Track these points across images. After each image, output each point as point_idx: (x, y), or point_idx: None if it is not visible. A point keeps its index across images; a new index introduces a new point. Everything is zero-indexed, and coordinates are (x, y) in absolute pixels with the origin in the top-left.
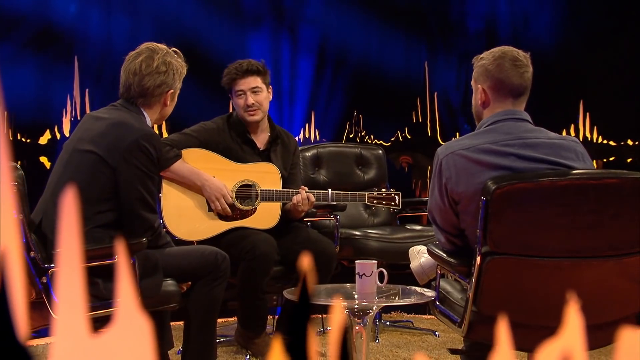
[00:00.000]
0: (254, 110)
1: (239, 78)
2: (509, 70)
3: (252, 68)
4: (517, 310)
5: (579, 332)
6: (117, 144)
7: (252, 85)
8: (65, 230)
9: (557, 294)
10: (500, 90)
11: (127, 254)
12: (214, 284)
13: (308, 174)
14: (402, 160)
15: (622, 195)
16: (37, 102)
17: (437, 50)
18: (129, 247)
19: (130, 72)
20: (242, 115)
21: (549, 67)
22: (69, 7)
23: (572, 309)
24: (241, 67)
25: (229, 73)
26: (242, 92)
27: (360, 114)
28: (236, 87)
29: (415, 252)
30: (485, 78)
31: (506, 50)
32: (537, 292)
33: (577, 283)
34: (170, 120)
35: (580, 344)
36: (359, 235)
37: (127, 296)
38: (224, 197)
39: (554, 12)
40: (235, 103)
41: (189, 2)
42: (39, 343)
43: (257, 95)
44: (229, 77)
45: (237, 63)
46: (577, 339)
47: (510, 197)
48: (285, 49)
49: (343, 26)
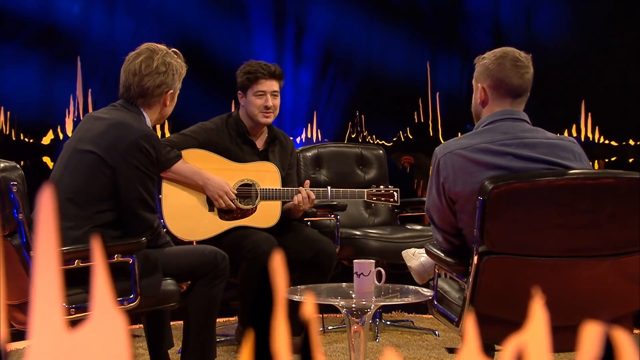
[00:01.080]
0: (269, 112)
1: (264, 78)
2: (509, 71)
3: (277, 72)
4: (514, 310)
5: (543, 327)
6: (117, 144)
7: (274, 88)
8: (42, 227)
9: (554, 294)
10: (499, 89)
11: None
12: (214, 283)
13: (309, 174)
14: (404, 160)
15: (618, 195)
16: (40, 102)
17: (439, 50)
18: (128, 246)
19: (130, 72)
20: (254, 115)
21: (551, 67)
22: (72, 8)
23: (538, 305)
24: (268, 69)
25: (254, 71)
26: (263, 93)
27: (362, 114)
28: (258, 86)
29: (410, 253)
30: (486, 77)
31: (508, 50)
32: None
33: (574, 282)
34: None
35: (544, 339)
36: (359, 235)
37: (103, 293)
38: (227, 193)
39: (557, 12)
40: (249, 102)
41: (193, 3)
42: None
43: (275, 99)
44: (253, 75)
45: (260, 63)
46: (542, 335)
47: (507, 196)
48: (288, 49)
49: (346, 26)
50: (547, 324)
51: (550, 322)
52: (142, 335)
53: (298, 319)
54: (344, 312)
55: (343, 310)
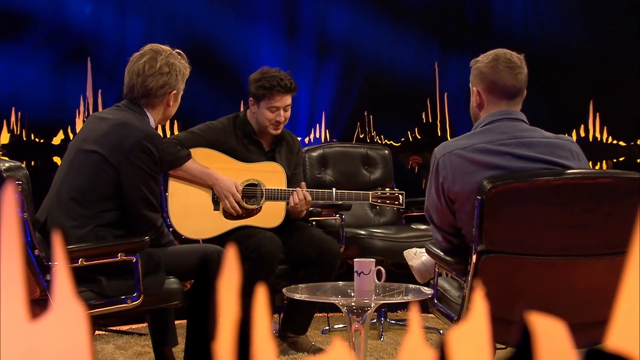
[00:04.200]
0: (280, 125)
1: (279, 94)
2: (502, 73)
3: (293, 87)
4: (512, 308)
5: (483, 319)
6: (120, 145)
7: (287, 102)
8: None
9: (552, 292)
10: (493, 92)
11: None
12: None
13: (314, 174)
14: (412, 160)
15: (616, 194)
16: (51, 102)
17: (448, 50)
18: (131, 245)
19: (134, 73)
20: (264, 127)
21: (560, 68)
22: (83, 8)
23: (479, 297)
24: (285, 85)
25: (270, 87)
26: (276, 109)
27: (371, 114)
28: (272, 102)
29: (412, 253)
30: (480, 81)
31: (500, 53)
32: (532, 290)
33: (571, 281)
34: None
35: (485, 331)
36: (364, 235)
37: (63, 283)
38: (233, 195)
39: (566, 13)
40: (262, 113)
41: (203, 4)
42: None
43: (286, 113)
44: (269, 91)
45: (276, 76)
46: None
47: (506, 196)
48: (297, 49)
49: (355, 27)
50: (487, 316)
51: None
52: (147, 333)
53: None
54: (344, 310)
55: (343, 308)
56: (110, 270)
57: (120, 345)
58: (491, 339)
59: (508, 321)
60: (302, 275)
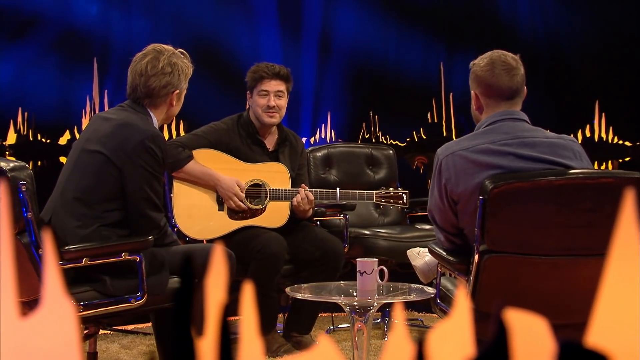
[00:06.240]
0: (273, 112)
1: (267, 78)
2: (498, 75)
3: (282, 72)
4: (514, 308)
5: (467, 315)
6: (123, 145)
7: (277, 88)
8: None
9: (554, 292)
10: (491, 95)
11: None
12: None
13: (319, 174)
14: (417, 160)
15: (618, 194)
16: (57, 103)
17: (453, 51)
18: (135, 245)
19: (137, 73)
20: (259, 115)
21: (566, 68)
22: (90, 9)
23: (461, 294)
24: (272, 69)
25: (258, 71)
26: (266, 93)
27: (376, 114)
28: (261, 86)
29: (415, 253)
30: (477, 84)
31: (494, 56)
32: (534, 290)
33: (573, 281)
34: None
35: (468, 327)
36: (368, 235)
37: (53, 281)
38: (236, 195)
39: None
40: (254, 102)
41: (209, 5)
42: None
43: (279, 99)
44: (257, 75)
45: (267, 64)
46: (465, 323)
47: (507, 196)
48: (303, 49)
49: (361, 28)
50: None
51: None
52: (152, 333)
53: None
54: (347, 310)
55: (346, 308)
56: (114, 269)
57: (125, 345)
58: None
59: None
60: (306, 275)
